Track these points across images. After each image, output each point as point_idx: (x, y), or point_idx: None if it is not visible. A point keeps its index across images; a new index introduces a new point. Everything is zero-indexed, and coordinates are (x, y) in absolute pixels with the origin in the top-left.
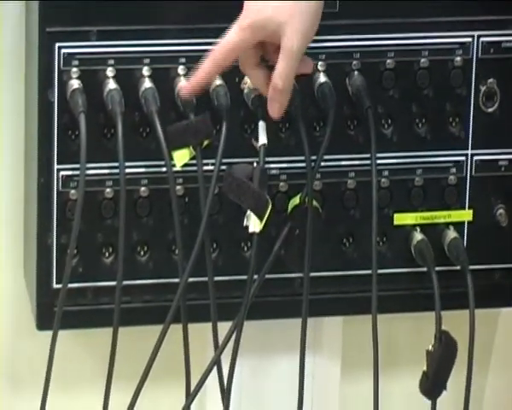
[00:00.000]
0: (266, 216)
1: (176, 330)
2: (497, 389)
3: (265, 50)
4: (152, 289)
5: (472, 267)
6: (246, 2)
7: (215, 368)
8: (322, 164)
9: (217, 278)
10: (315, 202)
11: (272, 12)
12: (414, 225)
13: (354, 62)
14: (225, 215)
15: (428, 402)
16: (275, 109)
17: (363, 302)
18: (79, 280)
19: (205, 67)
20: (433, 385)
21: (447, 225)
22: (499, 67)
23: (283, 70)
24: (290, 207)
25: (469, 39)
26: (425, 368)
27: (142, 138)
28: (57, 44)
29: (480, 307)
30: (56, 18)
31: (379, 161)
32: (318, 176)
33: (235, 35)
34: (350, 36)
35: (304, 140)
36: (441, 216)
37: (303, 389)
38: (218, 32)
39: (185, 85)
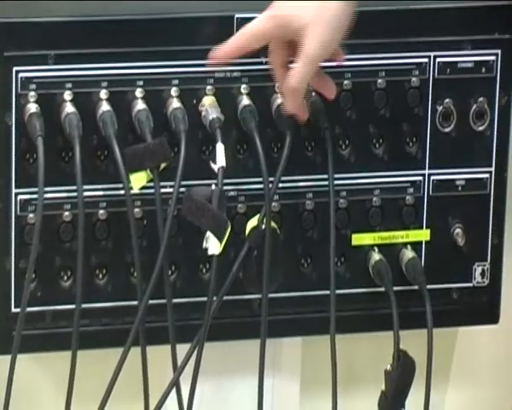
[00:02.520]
0: (225, 238)
1: (135, 351)
2: (455, 408)
3: (294, 53)
4: (111, 311)
5: (429, 287)
6: (274, 2)
7: (175, 390)
8: (280, 185)
9: (175, 300)
10: (273, 224)
11: (298, 12)
12: (372, 246)
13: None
14: (184, 237)
15: None
16: (287, 107)
17: (322, 323)
18: (38, 304)
19: (229, 46)
20: (391, 405)
21: (405, 244)
22: (455, 87)
23: (298, 71)
24: (248, 228)
25: (426, 60)
26: (383, 388)
27: (100, 161)
28: (15, 68)
29: (437, 327)
30: (13, 42)
31: (336, 182)
32: (276, 197)
33: (260, 22)
34: None
35: (261, 162)
36: (399, 236)
37: (262, 409)
38: (176, 55)
39: (210, 56)
